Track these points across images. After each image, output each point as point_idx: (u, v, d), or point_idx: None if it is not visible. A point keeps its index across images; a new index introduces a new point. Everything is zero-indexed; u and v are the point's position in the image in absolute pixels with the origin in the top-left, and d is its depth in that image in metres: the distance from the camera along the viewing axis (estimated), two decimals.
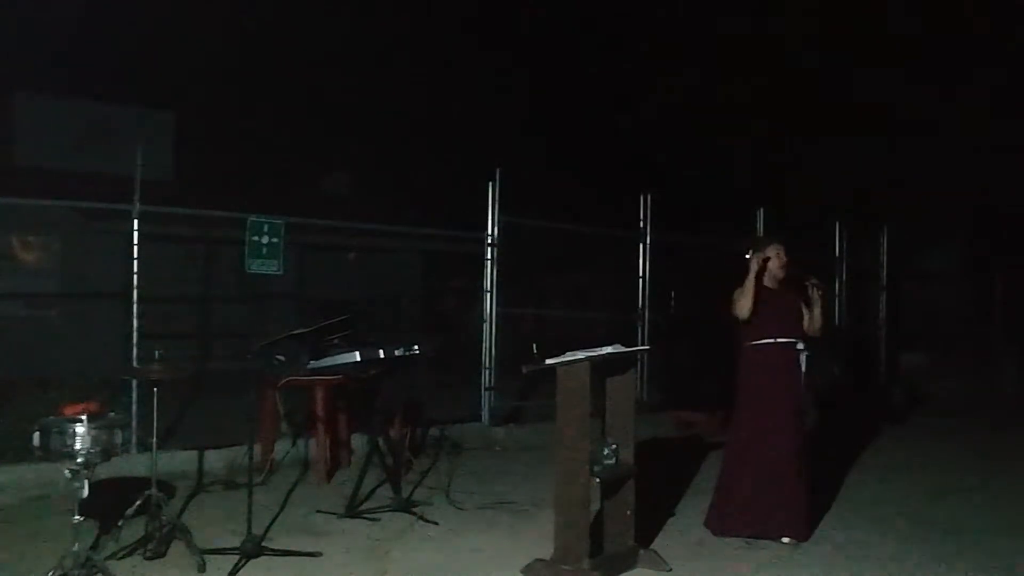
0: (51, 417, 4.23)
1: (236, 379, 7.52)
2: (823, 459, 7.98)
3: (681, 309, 12.06)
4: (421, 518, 5.71)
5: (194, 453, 6.71)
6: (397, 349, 6.22)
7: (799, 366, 5.46)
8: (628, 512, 4.83)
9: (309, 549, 5.00)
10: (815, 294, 5.55)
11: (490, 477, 7.09)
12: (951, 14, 16.22)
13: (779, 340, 5.40)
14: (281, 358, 6.58)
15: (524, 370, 4.89)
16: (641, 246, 10.13)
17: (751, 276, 5.39)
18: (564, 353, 4.63)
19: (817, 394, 8.74)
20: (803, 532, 5.40)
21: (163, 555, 4.75)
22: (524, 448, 8.16)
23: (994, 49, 16.16)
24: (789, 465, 5.35)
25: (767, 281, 5.54)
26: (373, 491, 6.22)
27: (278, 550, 4.88)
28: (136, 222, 6.86)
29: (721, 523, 5.45)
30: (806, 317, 5.54)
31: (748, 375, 5.48)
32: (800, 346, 5.46)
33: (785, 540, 5.31)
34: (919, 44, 16.60)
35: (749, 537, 5.34)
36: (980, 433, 9.82)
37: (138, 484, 5.09)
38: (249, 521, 4.83)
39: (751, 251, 5.57)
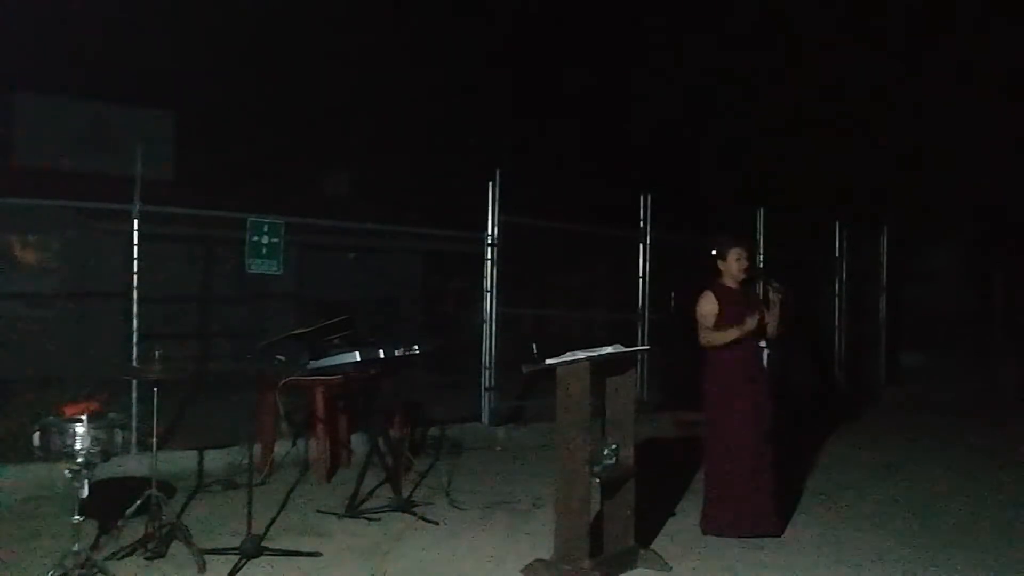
0: (51, 417, 4.24)
1: (236, 379, 7.53)
2: (822, 459, 8.03)
3: (681, 309, 12.01)
4: (421, 518, 5.71)
5: (194, 453, 6.70)
6: (397, 349, 6.21)
7: (762, 362, 5.56)
8: (628, 512, 4.83)
9: (309, 549, 5.01)
10: (774, 297, 5.64)
11: (490, 477, 7.09)
12: (952, 14, 16.22)
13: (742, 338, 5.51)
14: (281, 358, 6.58)
15: (524, 370, 4.89)
16: (641, 246, 10.13)
17: (740, 331, 5.42)
18: (564, 353, 4.64)
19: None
20: (780, 525, 5.51)
21: (163, 555, 4.75)
22: (524, 448, 8.15)
23: (994, 49, 16.16)
24: (762, 460, 5.45)
25: (728, 281, 5.67)
26: (373, 491, 6.22)
27: (278, 550, 4.88)
28: (136, 222, 6.86)
29: (709, 524, 5.48)
30: (766, 317, 5.63)
31: (714, 374, 5.58)
32: (762, 343, 5.56)
33: (766, 537, 5.41)
34: (919, 44, 16.61)
35: (738, 536, 5.38)
36: (980, 433, 9.82)
37: (138, 484, 5.09)
38: (249, 521, 4.83)
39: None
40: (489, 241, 8.73)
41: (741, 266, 5.62)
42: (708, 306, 5.60)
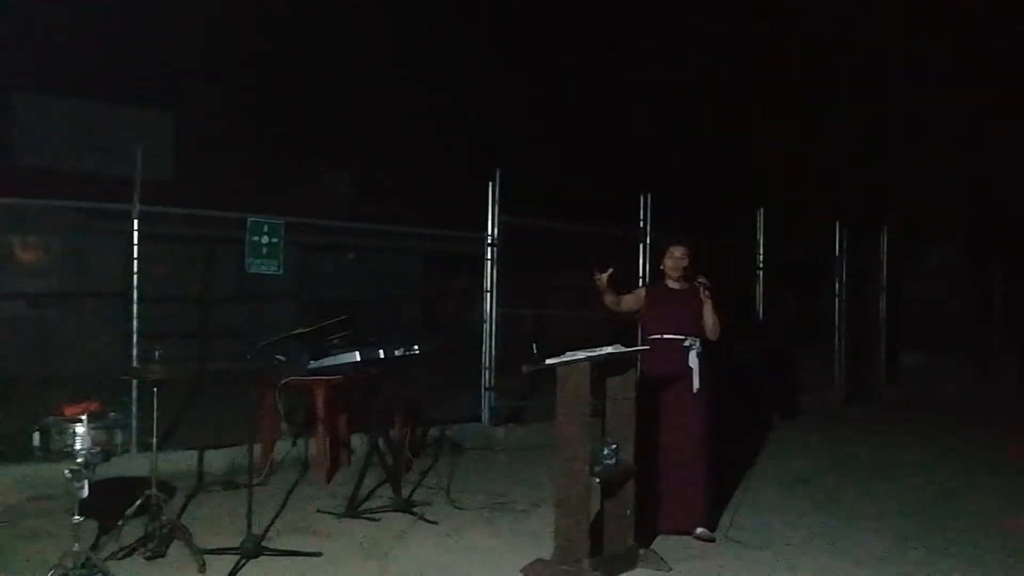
0: (51, 417, 4.23)
1: (236, 379, 7.52)
2: (821, 459, 8.03)
3: None
4: (421, 518, 5.71)
5: (194, 453, 6.70)
6: (397, 349, 6.21)
7: (686, 360, 5.55)
8: (628, 512, 4.83)
9: (309, 549, 5.01)
10: (703, 294, 5.63)
11: (490, 477, 7.09)
12: (951, 14, 16.22)
13: (665, 336, 5.57)
14: (281, 358, 6.58)
15: (524, 370, 4.89)
16: (641, 246, 10.12)
17: (601, 295, 5.70)
18: (564, 353, 4.64)
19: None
20: (704, 521, 5.48)
21: (163, 555, 4.75)
22: (524, 448, 8.15)
23: (994, 49, 16.17)
24: (687, 456, 5.47)
25: (670, 281, 5.77)
26: (373, 491, 6.22)
27: (278, 550, 4.89)
28: (136, 222, 6.85)
29: (661, 523, 5.45)
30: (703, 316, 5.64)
31: (643, 370, 5.62)
32: (688, 342, 5.56)
33: (699, 531, 5.40)
34: (919, 44, 16.61)
35: (666, 533, 5.39)
36: (980, 433, 9.82)
37: (138, 484, 5.09)
38: (249, 521, 4.83)
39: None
40: (489, 241, 8.73)
41: (675, 265, 5.70)
42: (632, 296, 5.85)
